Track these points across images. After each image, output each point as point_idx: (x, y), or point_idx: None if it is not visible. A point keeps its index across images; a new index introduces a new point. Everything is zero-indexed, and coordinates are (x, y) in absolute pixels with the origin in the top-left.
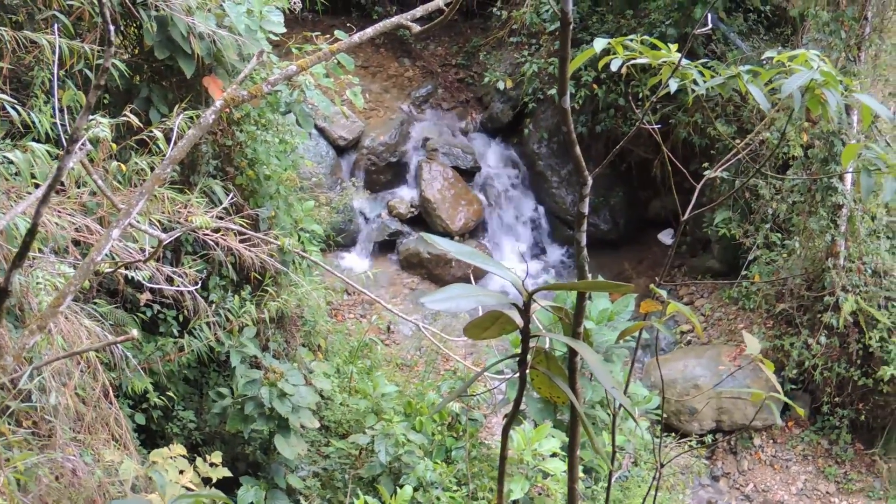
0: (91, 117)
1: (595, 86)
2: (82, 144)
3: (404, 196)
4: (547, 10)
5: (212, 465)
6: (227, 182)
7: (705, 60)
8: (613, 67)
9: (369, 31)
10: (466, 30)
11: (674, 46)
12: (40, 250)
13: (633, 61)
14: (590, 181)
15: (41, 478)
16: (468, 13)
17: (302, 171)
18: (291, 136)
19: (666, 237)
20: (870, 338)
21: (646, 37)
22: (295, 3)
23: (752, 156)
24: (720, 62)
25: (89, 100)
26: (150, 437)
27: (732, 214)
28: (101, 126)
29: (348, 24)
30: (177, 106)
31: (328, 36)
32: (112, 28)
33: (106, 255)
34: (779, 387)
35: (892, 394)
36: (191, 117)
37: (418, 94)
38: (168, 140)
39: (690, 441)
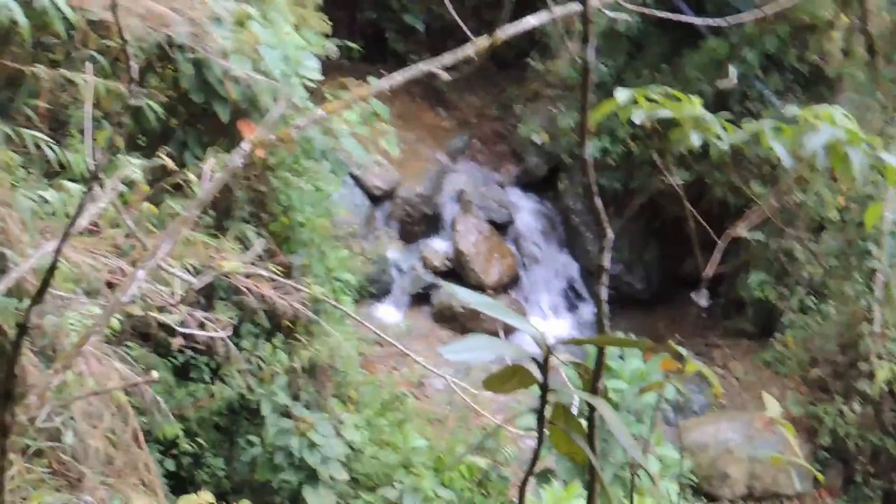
0: (125, 158)
1: (631, 142)
2: (113, 186)
3: (438, 248)
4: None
5: None
6: (261, 228)
7: (739, 116)
8: (636, 120)
9: (398, 77)
10: (502, 80)
11: (696, 100)
12: (74, 291)
13: (655, 114)
14: (611, 235)
15: None
16: (504, 63)
17: (336, 220)
18: (326, 184)
19: (700, 297)
20: None
21: (667, 88)
22: (330, 49)
23: (787, 217)
24: (756, 120)
25: (111, 137)
26: (180, 484)
27: (768, 277)
28: (133, 168)
29: (383, 72)
30: (209, 149)
31: (363, 83)
32: (135, 66)
33: (138, 298)
34: (798, 451)
35: None
36: (225, 162)
37: (454, 145)
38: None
39: None
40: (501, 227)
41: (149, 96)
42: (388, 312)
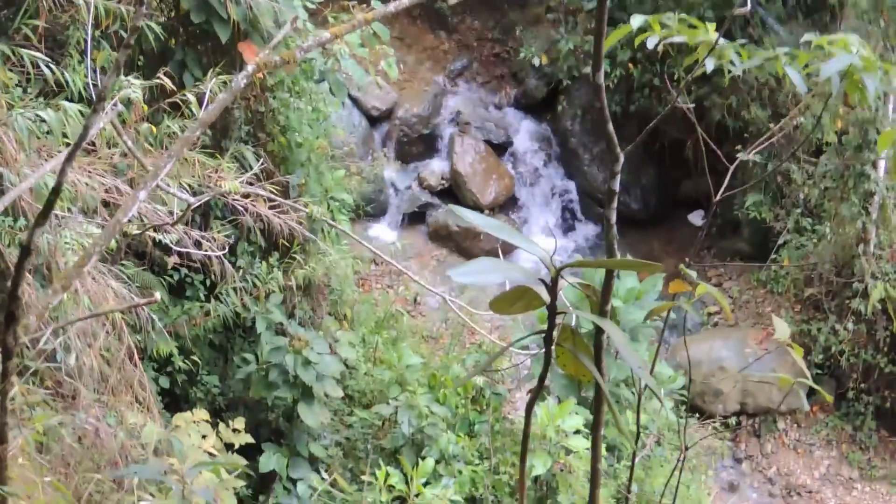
0: (124, 79)
1: (631, 65)
2: (113, 105)
3: (435, 168)
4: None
5: (234, 430)
6: (259, 148)
7: (744, 42)
8: (650, 45)
9: (405, 0)
10: (504, 5)
11: (711, 26)
12: (69, 210)
13: (669, 40)
14: (622, 158)
15: (64, 438)
16: None
17: (334, 141)
18: (325, 105)
19: (696, 218)
20: None
21: (684, 15)
22: None
23: (785, 140)
24: (757, 46)
25: (118, 59)
26: (174, 401)
27: (764, 198)
28: (133, 87)
29: None
30: (210, 70)
31: (365, 6)
32: None
33: (134, 217)
34: (807, 372)
35: None
36: (224, 82)
37: (453, 67)
38: (201, 104)
39: (714, 423)
40: (499, 148)
41: (148, 16)
42: (384, 231)
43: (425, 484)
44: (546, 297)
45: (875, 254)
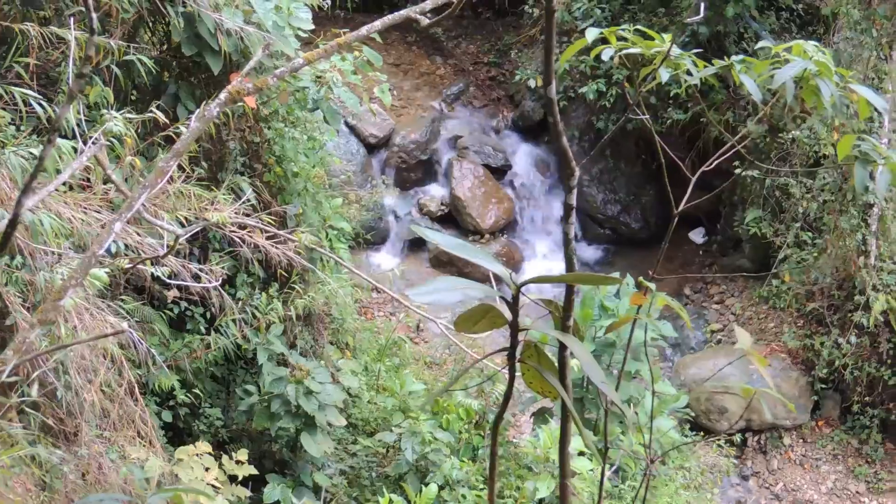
0: (111, 113)
1: (627, 83)
2: (94, 140)
3: (435, 194)
4: (579, 8)
5: (238, 462)
6: (255, 179)
7: (741, 58)
8: (605, 57)
9: (377, 23)
10: (498, 28)
11: (668, 37)
12: (59, 245)
13: (626, 51)
14: (577, 172)
15: (67, 475)
16: (500, 11)
17: (331, 169)
18: (320, 134)
19: (697, 236)
20: None
21: (639, 27)
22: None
23: (782, 154)
24: (754, 59)
25: (71, 88)
26: (178, 435)
27: (763, 213)
28: (115, 121)
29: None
30: (203, 102)
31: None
32: (94, 16)
33: (124, 251)
34: (769, 380)
35: None
36: (217, 114)
37: (450, 91)
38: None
39: (719, 440)
40: (498, 172)
41: (141, 50)
42: (386, 259)
43: None
44: (508, 314)
45: (876, 266)
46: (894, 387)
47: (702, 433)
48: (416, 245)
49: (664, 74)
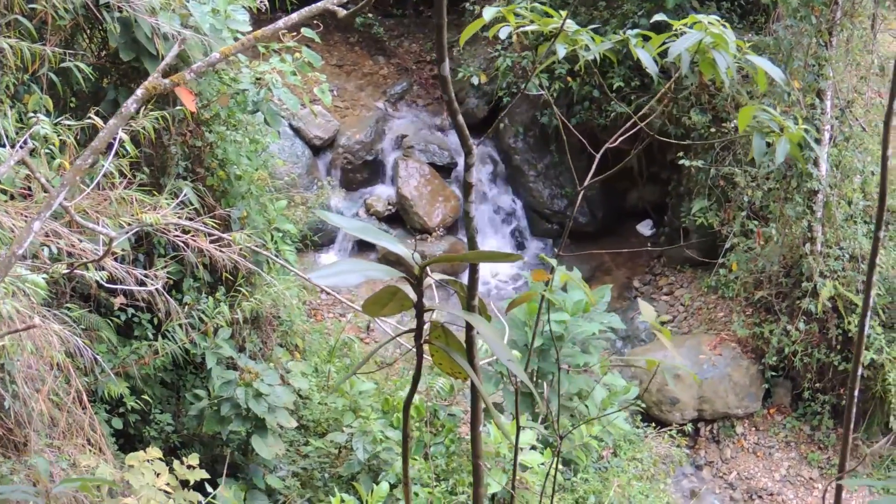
0: (40, 117)
1: (570, 78)
2: (22, 144)
3: (381, 194)
4: (519, 4)
5: (189, 467)
6: (198, 183)
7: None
8: (502, 35)
9: (294, 16)
10: None
11: (564, 13)
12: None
13: (522, 28)
14: (475, 150)
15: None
16: None
17: (276, 171)
18: (262, 136)
19: (644, 228)
20: (849, 322)
21: (537, 4)
22: (262, 2)
23: (726, 143)
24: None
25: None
26: (129, 442)
27: (710, 203)
28: (43, 124)
29: (316, 23)
30: (142, 107)
31: (296, 34)
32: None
33: (71, 256)
34: (678, 356)
35: (873, 378)
36: (156, 117)
37: (394, 91)
38: (135, 142)
39: (671, 431)
40: (444, 170)
41: (78, 58)
42: (334, 260)
43: None
44: (412, 295)
45: (822, 252)
46: (844, 372)
47: (653, 424)
48: (364, 246)
49: (561, 50)
